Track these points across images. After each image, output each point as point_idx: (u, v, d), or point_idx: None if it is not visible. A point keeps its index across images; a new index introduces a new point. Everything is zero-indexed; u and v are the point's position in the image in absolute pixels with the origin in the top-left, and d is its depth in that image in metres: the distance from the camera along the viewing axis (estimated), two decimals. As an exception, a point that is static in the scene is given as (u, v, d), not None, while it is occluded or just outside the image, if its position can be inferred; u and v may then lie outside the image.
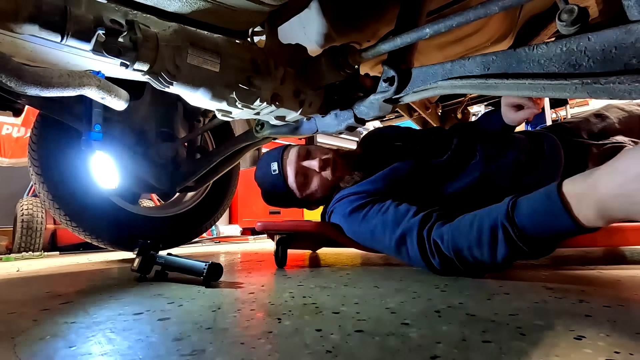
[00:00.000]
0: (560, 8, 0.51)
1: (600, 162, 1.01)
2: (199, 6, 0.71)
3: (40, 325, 0.53)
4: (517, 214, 0.62)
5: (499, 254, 0.66)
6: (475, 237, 0.69)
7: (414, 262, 0.81)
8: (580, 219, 0.54)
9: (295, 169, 1.10)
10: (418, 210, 0.83)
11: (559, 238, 0.60)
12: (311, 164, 1.10)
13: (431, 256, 0.77)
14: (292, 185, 1.11)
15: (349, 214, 0.96)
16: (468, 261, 0.72)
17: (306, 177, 1.11)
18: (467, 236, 0.70)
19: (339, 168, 1.10)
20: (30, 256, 2.01)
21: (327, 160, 1.10)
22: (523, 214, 0.61)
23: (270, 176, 1.13)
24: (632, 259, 1.02)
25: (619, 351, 0.35)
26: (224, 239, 3.04)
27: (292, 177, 1.10)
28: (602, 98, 0.51)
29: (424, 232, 0.78)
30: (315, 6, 0.94)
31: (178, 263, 0.87)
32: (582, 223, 0.54)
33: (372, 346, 0.39)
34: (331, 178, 1.09)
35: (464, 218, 0.73)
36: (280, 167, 1.11)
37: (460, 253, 0.72)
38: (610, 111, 1.14)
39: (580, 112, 4.32)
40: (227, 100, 0.76)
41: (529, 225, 0.61)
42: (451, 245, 0.73)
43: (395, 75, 0.79)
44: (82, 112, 1.10)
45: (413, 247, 0.79)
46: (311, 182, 1.11)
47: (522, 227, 0.61)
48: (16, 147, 3.10)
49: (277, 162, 1.12)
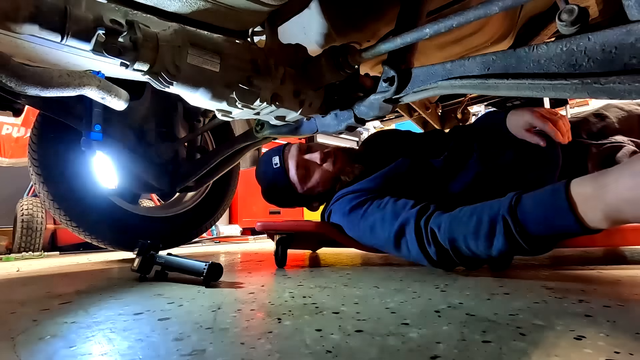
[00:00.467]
0: (560, 8, 0.51)
1: (600, 162, 1.02)
2: (199, 6, 0.71)
3: (40, 325, 0.53)
4: (520, 209, 0.62)
5: (495, 248, 0.66)
6: (473, 227, 0.68)
7: (413, 254, 0.81)
8: (585, 220, 0.54)
9: (296, 161, 1.12)
10: (416, 203, 0.84)
11: (561, 238, 0.60)
12: (312, 156, 1.12)
13: (427, 245, 0.77)
14: (294, 179, 1.13)
15: (348, 212, 0.96)
16: (462, 252, 0.72)
17: (307, 169, 1.13)
18: (465, 225, 0.70)
19: (339, 160, 1.12)
20: (30, 256, 2.01)
21: (328, 152, 1.13)
22: (526, 209, 0.61)
23: (272, 170, 1.14)
24: (632, 259, 1.02)
25: (619, 351, 0.35)
26: (224, 239, 3.04)
27: (294, 170, 1.12)
28: (602, 98, 0.51)
29: (421, 222, 0.78)
30: (315, 6, 0.94)
31: (178, 263, 0.87)
32: (586, 224, 0.54)
33: (372, 346, 0.39)
34: (332, 170, 1.11)
35: (465, 209, 0.73)
36: (282, 160, 1.14)
37: (455, 243, 0.72)
38: (610, 111, 1.14)
39: (580, 112, 4.31)
40: (227, 100, 0.76)
41: (531, 221, 0.60)
42: (447, 233, 0.72)
43: (395, 75, 0.79)
44: (82, 112, 1.10)
45: (411, 237, 0.79)
46: (312, 175, 1.12)
47: (524, 223, 0.61)
48: (16, 147, 3.10)
49: (278, 156, 1.14)
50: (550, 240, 0.61)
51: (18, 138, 3.13)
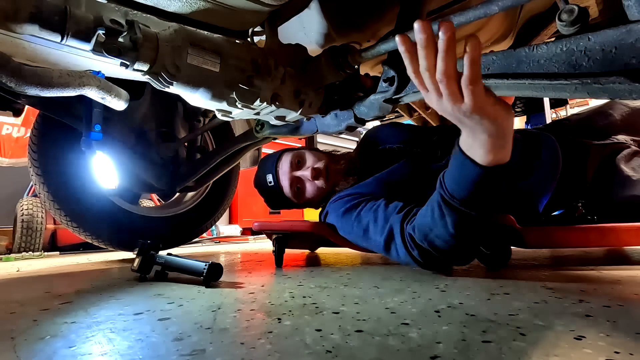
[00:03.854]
0: (560, 8, 0.51)
1: (600, 163, 1.02)
2: (199, 6, 0.71)
3: (40, 325, 0.53)
4: (446, 182, 0.68)
5: (449, 224, 0.68)
6: (430, 216, 0.71)
7: (402, 258, 0.82)
8: (478, 160, 0.61)
9: (289, 179, 1.12)
10: (404, 206, 0.85)
11: (483, 190, 0.64)
12: (304, 174, 1.11)
13: (411, 249, 0.78)
14: (288, 195, 1.14)
15: (343, 214, 0.97)
16: (438, 246, 0.73)
17: (300, 186, 1.12)
18: (426, 218, 0.73)
19: (331, 176, 1.11)
20: (30, 256, 2.01)
21: (318, 170, 1.09)
22: (448, 179, 0.68)
23: (267, 187, 1.15)
24: (632, 259, 1.02)
25: (619, 351, 0.35)
26: (224, 239, 3.04)
27: (287, 188, 1.13)
28: (602, 98, 0.51)
29: (404, 226, 0.80)
30: (315, 6, 0.94)
31: (178, 263, 0.87)
32: (481, 163, 0.61)
33: (372, 346, 0.39)
34: (325, 187, 1.10)
35: (424, 206, 0.76)
36: (276, 178, 1.13)
37: (428, 238, 0.73)
38: (614, 108, 1.13)
39: (583, 109, 4.30)
40: (227, 100, 0.76)
41: (453, 185, 0.66)
42: (420, 232, 0.75)
43: (395, 75, 0.79)
44: (82, 112, 1.10)
45: (399, 241, 0.81)
46: (306, 190, 1.12)
47: (452, 190, 0.67)
48: (16, 147, 3.10)
49: (271, 174, 1.14)
50: (479, 197, 0.65)
51: (18, 138, 3.12)
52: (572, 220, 0.96)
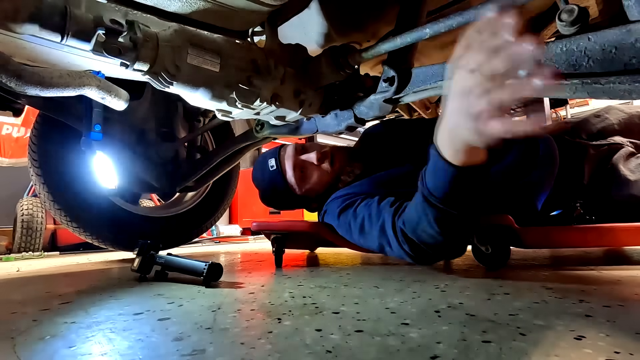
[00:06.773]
0: (560, 8, 0.51)
1: (597, 162, 1.02)
2: (199, 6, 0.71)
3: (40, 325, 0.53)
4: (426, 179, 0.67)
5: (432, 221, 0.68)
6: (415, 211, 0.71)
7: (395, 252, 0.81)
8: (448, 158, 0.58)
9: (293, 162, 1.10)
10: (395, 201, 0.84)
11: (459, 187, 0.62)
12: (309, 157, 1.10)
13: (402, 243, 0.77)
14: (291, 180, 1.11)
15: (340, 212, 0.96)
16: (426, 240, 0.72)
17: (305, 170, 1.11)
18: (414, 213, 0.72)
19: (337, 159, 1.10)
20: (30, 256, 2.01)
21: (325, 152, 1.10)
22: (427, 176, 0.66)
23: (269, 173, 1.12)
24: (632, 259, 1.02)
25: (619, 351, 0.35)
26: (224, 239, 3.04)
27: (291, 171, 1.10)
28: (602, 98, 0.51)
29: (395, 220, 0.79)
30: (315, 6, 0.94)
31: (178, 263, 0.87)
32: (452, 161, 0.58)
33: (372, 346, 0.39)
34: (330, 170, 1.09)
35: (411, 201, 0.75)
36: (278, 162, 1.12)
37: (416, 231, 0.73)
38: (610, 112, 1.14)
39: (580, 112, 4.31)
40: (227, 100, 0.76)
41: (431, 182, 0.65)
42: (408, 226, 0.74)
43: (395, 75, 0.79)
44: (82, 112, 1.10)
45: (391, 236, 0.80)
46: (310, 175, 1.10)
47: (430, 187, 0.65)
48: (16, 147, 3.10)
49: (274, 158, 1.12)
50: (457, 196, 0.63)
51: (18, 138, 3.12)
52: (571, 220, 0.96)
